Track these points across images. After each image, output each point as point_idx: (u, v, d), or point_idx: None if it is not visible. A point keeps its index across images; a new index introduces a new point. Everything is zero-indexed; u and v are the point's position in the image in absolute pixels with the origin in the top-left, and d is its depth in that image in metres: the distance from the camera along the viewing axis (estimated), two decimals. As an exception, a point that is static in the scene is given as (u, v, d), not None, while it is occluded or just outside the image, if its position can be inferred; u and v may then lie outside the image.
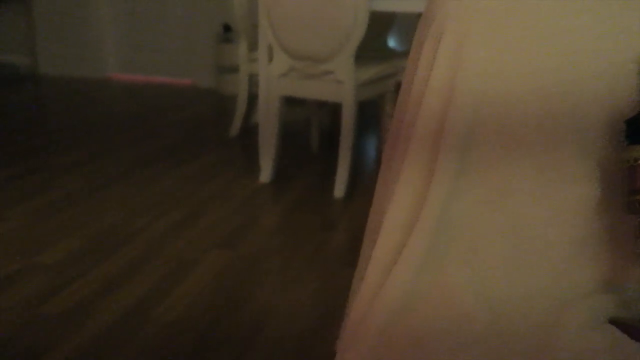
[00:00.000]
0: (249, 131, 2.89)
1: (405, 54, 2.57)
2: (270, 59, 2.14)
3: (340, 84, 1.91)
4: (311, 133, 2.56)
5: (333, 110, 3.19)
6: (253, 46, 2.67)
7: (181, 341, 1.12)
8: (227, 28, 3.95)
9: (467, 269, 0.51)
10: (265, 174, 2.12)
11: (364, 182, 2.16)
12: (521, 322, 0.49)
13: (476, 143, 0.53)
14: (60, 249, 1.49)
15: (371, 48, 2.82)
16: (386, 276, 0.53)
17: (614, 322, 0.51)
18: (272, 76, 2.03)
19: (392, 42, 3.73)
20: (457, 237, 0.52)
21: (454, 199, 0.52)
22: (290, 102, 2.20)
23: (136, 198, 1.87)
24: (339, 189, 2.00)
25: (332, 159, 2.45)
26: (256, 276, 1.39)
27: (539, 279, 0.51)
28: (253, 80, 2.79)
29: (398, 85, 2.62)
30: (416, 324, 0.51)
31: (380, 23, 2.89)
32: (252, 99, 2.90)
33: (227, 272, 1.41)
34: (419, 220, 0.52)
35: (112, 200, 1.84)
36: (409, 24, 3.72)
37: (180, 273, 1.39)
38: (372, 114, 3.38)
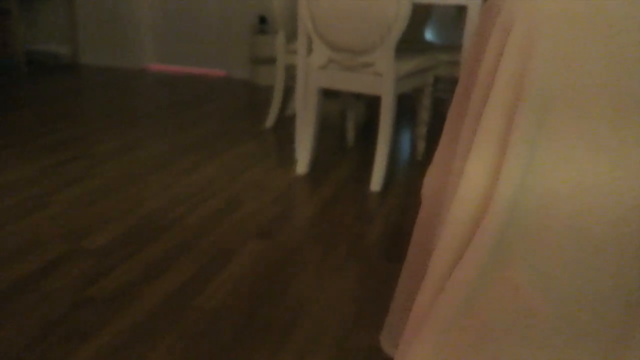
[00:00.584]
0: (284, 122, 2.90)
1: (444, 47, 2.52)
2: (309, 50, 2.13)
3: (380, 76, 1.89)
4: (346, 125, 2.55)
5: (369, 102, 3.16)
6: (291, 38, 2.67)
7: (221, 328, 1.13)
8: (262, 20, 3.96)
9: (535, 265, 0.50)
10: (302, 166, 2.12)
11: (400, 176, 2.14)
12: (592, 321, 0.48)
13: (546, 134, 0.52)
14: (104, 234, 1.52)
15: (408, 40, 2.79)
16: (451, 272, 0.51)
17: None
18: (311, 68, 2.02)
19: (428, 35, 3.67)
20: (524, 233, 0.50)
21: (522, 196, 0.51)
22: (325, 94, 2.19)
23: (175, 186, 1.90)
24: (376, 183, 1.98)
25: (368, 152, 2.44)
26: (295, 266, 1.40)
27: (610, 276, 0.49)
28: (289, 72, 2.80)
29: (436, 79, 2.57)
30: (481, 321, 0.50)
31: (417, 15, 2.85)
32: (288, 90, 2.90)
33: (265, 261, 1.41)
34: (487, 216, 0.50)
35: (152, 188, 1.87)
36: (445, 17, 3.66)
37: (220, 261, 1.40)
38: (407, 107, 3.34)
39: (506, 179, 0.50)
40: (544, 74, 0.53)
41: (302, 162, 2.12)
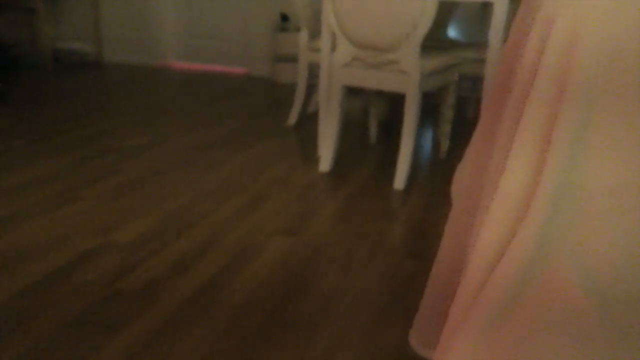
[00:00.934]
0: (306, 120, 2.90)
1: (468, 44, 2.50)
2: (333, 48, 2.13)
3: (405, 74, 1.88)
4: (369, 123, 2.54)
5: (391, 100, 3.15)
6: (313, 35, 2.67)
7: (249, 323, 1.14)
8: (284, 17, 3.97)
9: (579, 262, 0.49)
10: (325, 163, 2.12)
11: (423, 175, 2.13)
12: (637, 323, 0.47)
13: (590, 130, 0.51)
14: (131, 229, 1.55)
15: (431, 38, 2.76)
16: (492, 270, 0.51)
17: None
18: (335, 65, 2.02)
19: (450, 32, 3.64)
20: (568, 230, 0.50)
21: (566, 192, 0.50)
22: (347, 92, 2.19)
23: (200, 182, 1.92)
24: (399, 181, 1.98)
25: (391, 149, 2.43)
26: (320, 263, 1.40)
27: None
28: (311, 70, 2.80)
29: (460, 77, 2.55)
30: (523, 319, 0.49)
31: (441, 12, 2.82)
32: (309, 88, 2.91)
33: (291, 257, 1.42)
34: (529, 213, 0.50)
35: (177, 184, 1.90)
36: (468, 14, 3.62)
37: (246, 257, 1.41)
38: (429, 105, 3.32)
39: (550, 175, 0.50)
40: (589, 69, 0.52)
41: (325, 160, 2.12)
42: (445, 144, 2.34)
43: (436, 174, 2.14)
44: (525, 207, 0.52)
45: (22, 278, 1.28)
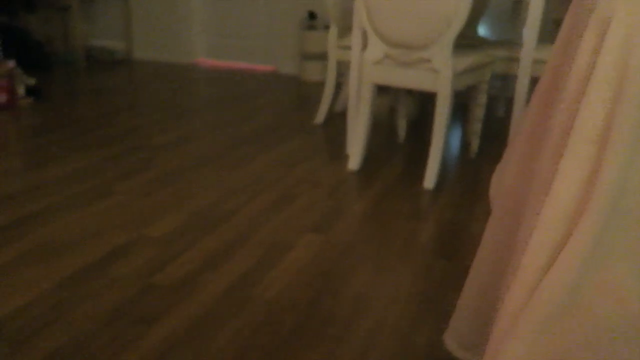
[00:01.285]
0: (333, 118, 2.90)
1: (500, 43, 2.46)
2: (364, 46, 2.13)
3: (437, 72, 1.87)
4: (397, 121, 2.53)
5: (419, 98, 3.13)
6: (342, 33, 2.67)
7: (282, 319, 1.15)
8: (311, 15, 3.97)
9: (635, 266, 0.48)
10: (353, 162, 2.12)
11: (452, 174, 2.11)
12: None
13: None
14: (164, 224, 1.57)
15: (462, 36, 2.73)
16: (544, 273, 0.50)
17: None
18: (366, 63, 2.01)
19: (481, 30, 3.59)
20: (625, 232, 0.49)
21: (622, 196, 0.49)
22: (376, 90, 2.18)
23: (229, 178, 1.94)
24: (429, 180, 1.96)
25: (419, 148, 2.42)
26: (351, 262, 1.40)
27: None
28: (339, 68, 2.80)
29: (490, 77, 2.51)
30: (577, 326, 0.49)
31: (473, 10, 2.79)
32: (337, 86, 2.90)
33: (321, 255, 1.43)
34: (585, 216, 0.49)
35: (206, 180, 1.92)
36: (499, 11, 3.56)
37: (276, 254, 1.42)
38: (457, 104, 3.28)
39: (607, 177, 0.49)
40: None
41: (354, 158, 2.12)
42: (475, 144, 2.31)
43: (466, 174, 2.12)
44: (580, 209, 0.51)
45: (60, 270, 1.31)
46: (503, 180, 0.74)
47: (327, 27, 3.91)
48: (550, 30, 3.12)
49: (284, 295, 1.24)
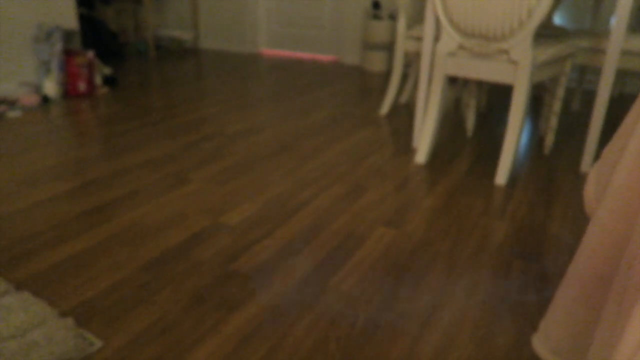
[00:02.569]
0: (398, 110, 2.87)
1: (581, 33, 2.33)
2: (436, 36, 2.08)
3: (515, 64, 1.80)
4: (465, 114, 2.46)
5: (488, 91, 3.03)
6: (410, 23, 2.62)
7: (358, 312, 1.16)
8: (375, 5, 3.92)
9: None
10: (421, 155, 2.09)
11: (525, 170, 2.03)
12: None
13: None
14: (239, 212, 1.62)
15: (541, 25, 2.61)
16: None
17: None
18: (439, 54, 1.97)
19: (557, 19, 3.42)
20: None
21: None
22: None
23: (300, 169, 1.96)
24: (502, 176, 1.90)
25: (489, 142, 2.35)
26: (425, 257, 1.39)
27: None
28: (405, 59, 2.75)
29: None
30: None
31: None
32: (402, 77, 2.86)
33: (395, 250, 1.42)
34: None
35: (277, 170, 1.95)
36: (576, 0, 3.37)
37: (350, 246, 1.43)
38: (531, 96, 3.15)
39: None
40: None
41: (422, 152, 2.09)
42: (550, 139, 2.21)
43: (540, 170, 2.04)
44: None
45: (145, 253, 1.38)
46: (612, 179, 0.70)
47: (391, 17, 3.86)
48: (637, 18, 2.92)
49: (358, 288, 1.24)
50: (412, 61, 2.96)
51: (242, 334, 1.08)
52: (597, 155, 2.00)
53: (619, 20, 1.79)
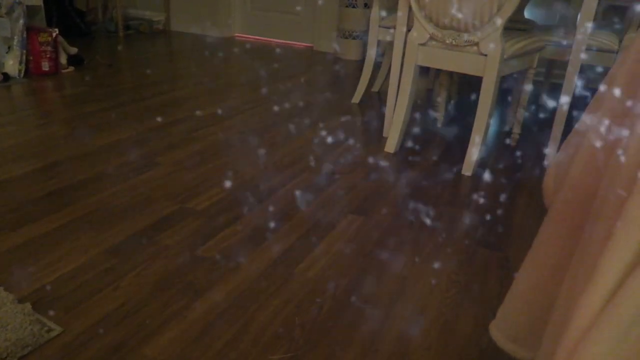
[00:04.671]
0: (371, 98, 2.88)
1: (550, 27, 2.38)
2: (408, 26, 2.09)
3: (485, 56, 1.82)
4: (437, 104, 2.49)
5: (459, 82, 3.07)
6: (384, 12, 2.62)
7: (323, 299, 1.17)
8: (351, -8, 3.90)
9: None
10: (391, 144, 2.11)
11: (492, 161, 2.08)
12: None
13: None
14: (208, 197, 1.60)
15: (510, 19, 2.65)
16: (628, 273, 0.50)
17: None
18: (410, 44, 1.98)
19: (527, 13, 3.47)
20: None
21: None
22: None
23: (270, 156, 1.95)
24: (469, 167, 1.94)
25: (458, 133, 2.38)
26: (392, 245, 1.40)
27: None
28: (378, 48, 2.76)
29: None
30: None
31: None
32: (375, 66, 2.86)
33: (362, 237, 1.43)
34: None
35: (247, 156, 1.94)
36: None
37: (317, 233, 1.44)
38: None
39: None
40: None
41: (392, 141, 2.10)
42: (517, 131, 2.26)
43: (506, 161, 2.08)
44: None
45: (109, 237, 1.35)
46: (570, 172, 0.72)
47: (366, 6, 3.85)
48: (603, 15, 3.00)
49: (325, 275, 1.25)
50: (385, 50, 2.97)
51: (207, 320, 1.08)
52: (560, 148, 2.05)
53: (584, 16, 1.83)
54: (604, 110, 0.68)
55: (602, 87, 0.72)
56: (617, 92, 0.66)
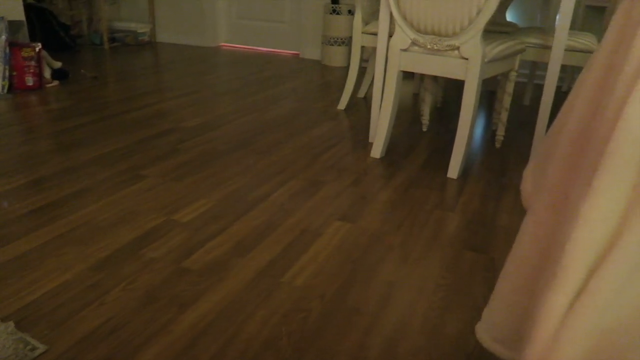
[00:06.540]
0: (357, 104, 2.89)
1: (530, 30, 2.41)
2: (390, 32, 2.10)
3: (466, 60, 1.84)
4: (422, 108, 2.51)
5: (445, 85, 3.09)
6: (367, 18, 2.64)
7: (311, 307, 1.17)
8: (334, 0, 3.93)
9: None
10: (377, 150, 2.11)
11: (477, 163, 2.09)
12: None
13: None
14: (194, 209, 1.60)
15: (491, 22, 2.68)
16: (592, 271, 0.50)
17: None
18: (393, 50, 1.99)
19: (510, 16, 3.51)
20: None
21: None
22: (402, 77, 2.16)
23: (257, 165, 1.95)
24: (454, 170, 1.95)
25: (444, 136, 2.40)
26: (379, 251, 1.41)
27: None
28: (362, 54, 2.77)
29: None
30: (629, 326, 0.48)
31: (502, -5, 2.72)
32: (360, 72, 2.88)
33: (348, 244, 1.44)
34: (621, 238, 0.48)
35: (234, 166, 1.94)
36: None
37: (305, 241, 1.44)
38: (483, 91, 3.23)
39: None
40: None
41: (378, 146, 2.11)
42: (501, 133, 2.28)
43: (491, 164, 2.10)
44: (627, 208, 0.50)
45: (95, 252, 1.34)
46: (546, 175, 0.73)
47: (350, 12, 3.87)
48: (583, 17, 3.04)
49: (312, 283, 1.25)
50: (369, 56, 2.99)
51: (193, 333, 1.07)
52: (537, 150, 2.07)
53: (562, 17, 1.86)
54: (577, 110, 0.69)
55: (574, 89, 0.73)
56: (589, 91, 0.66)
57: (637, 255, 0.49)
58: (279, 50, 4.48)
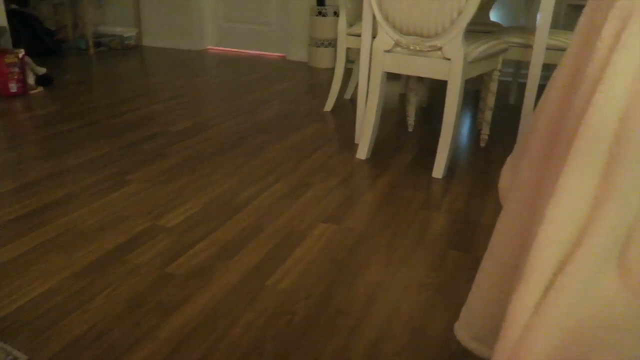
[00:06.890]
0: (343, 105, 2.90)
1: (513, 29, 2.43)
2: (374, 33, 2.12)
3: (448, 61, 1.86)
4: (407, 109, 2.52)
5: (430, 86, 3.11)
6: (352, 20, 2.65)
7: (296, 309, 1.17)
8: (320, 1, 3.94)
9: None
10: (363, 151, 2.12)
11: (462, 163, 2.11)
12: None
13: None
14: (180, 213, 1.60)
15: (474, 22, 2.70)
16: (557, 269, 0.51)
17: None
18: (376, 52, 2.00)
19: (494, 16, 3.54)
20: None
21: (631, 213, 0.49)
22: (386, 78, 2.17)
23: (243, 168, 1.96)
24: (439, 170, 1.96)
25: (429, 136, 2.41)
26: (364, 251, 1.42)
27: None
28: (348, 55, 2.78)
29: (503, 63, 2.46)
30: (599, 320, 0.49)
31: (484, -4, 2.74)
32: (346, 73, 2.89)
33: (335, 245, 1.44)
34: (602, 210, 0.50)
35: (221, 169, 1.94)
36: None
37: (290, 243, 1.44)
38: (467, 91, 3.26)
39: (622, 175, 0.49)
40: None
41: (364, 147, 2.12)
42: (486, 132, 2.30)
43: (476, 163, 2.12)
44: (593, 206, 0.51)
45: (79, 258, 1.34)
46: (519, 172, 0.74)
47: (336, 14, 3.88)
48: (565, 15, 3.07)
49: (297, 285, 1.26)
50: (355, 57, 3.00)
51: (178, 338, 1.07)
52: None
53: (543, 16, 1.88)
54: (547, 109, 0.70)
55: (546, 88, 0.75)
56: (559, 90, 0.68)
57: (602, 254, 0.50)
58: (265, 53, 4.48)
